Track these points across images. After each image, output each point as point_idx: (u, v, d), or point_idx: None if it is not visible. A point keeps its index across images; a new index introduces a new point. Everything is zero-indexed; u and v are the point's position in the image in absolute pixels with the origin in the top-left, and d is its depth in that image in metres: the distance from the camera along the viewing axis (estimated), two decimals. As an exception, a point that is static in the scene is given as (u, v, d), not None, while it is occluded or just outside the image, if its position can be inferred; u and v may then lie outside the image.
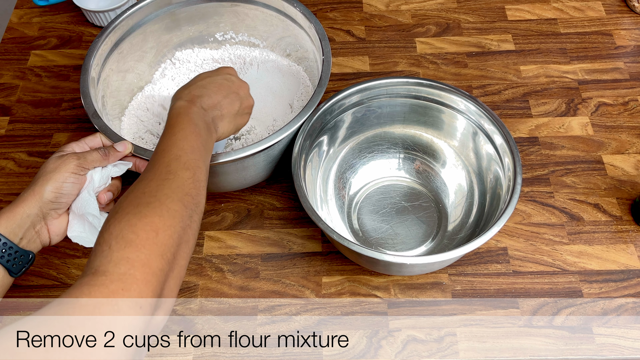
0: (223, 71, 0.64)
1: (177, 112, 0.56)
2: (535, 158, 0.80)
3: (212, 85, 0.60)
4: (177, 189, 0.49)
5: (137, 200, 0.47)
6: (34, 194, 0.56)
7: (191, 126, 0.55)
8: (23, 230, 0.55)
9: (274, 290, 0.71)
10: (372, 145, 0.79)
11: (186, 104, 0.57)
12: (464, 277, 0.71)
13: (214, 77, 0.61)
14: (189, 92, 0.59)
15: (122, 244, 0.43)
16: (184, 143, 0.53)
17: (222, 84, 0.61)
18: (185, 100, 0.57)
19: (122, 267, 0.42)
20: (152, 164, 0.52)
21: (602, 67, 0.89)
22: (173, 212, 0.47)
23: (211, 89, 0.60)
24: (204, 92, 0.59)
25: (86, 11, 0.94)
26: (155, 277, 0.43)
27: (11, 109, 0.88)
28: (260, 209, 0.77)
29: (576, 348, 0.66)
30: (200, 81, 0.61)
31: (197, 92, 0.59)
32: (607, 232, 0.73)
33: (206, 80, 0.61)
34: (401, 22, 0.95)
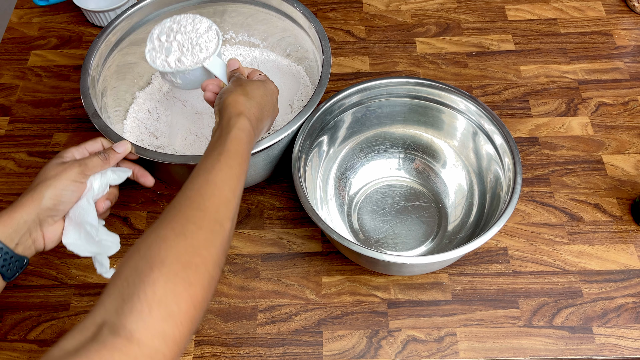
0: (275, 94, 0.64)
1: (240, 137, 0.54)
2: (535, 158, 0.80)
3: (267, 107, 0.60)
4: (221, 247, 0.47)
5: (186, 255, 0.44)
6: (33, 200, 0.55)
7: (247, 160, 0.54)
8: (19, 235, 0.55)
9: (274, 290, 0.71)
10: (372, 145, 0.79)
11: (250, 127, 0.56)
12: (464, 277, 0.71)
13: (268, 101, 0.61)
14: (250, 110, 0.57)
15: (164, 313, 0.41)
16: (236, 184, 0.51)
17: (272, 107, 0.62)
18: (249, 119, 0.56)
19: (157, 341, 0.40)
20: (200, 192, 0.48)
21: (602, 67, 0.89)
22: (212, 280, 0.45)
23: (266, 112, 0.60)
24: (262, 115, 0.59)
25: (86, 11, 0.94)
26: (179, 350, 0.42)
27: (11, 109, 0.88)
28: (260, 209, 0.77)
29: (576, 348, 0.66)
30: (259, 99, 0.59)
31: (257, 113, 0.58)
32: (607, 232, 0.73)
33: (264, 100, 0.60)
34: (401, 22, 0.95)
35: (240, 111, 0.56)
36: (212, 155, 0.52)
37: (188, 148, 0.78)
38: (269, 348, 0.67)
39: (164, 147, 0.76)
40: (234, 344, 0.67)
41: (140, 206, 0.78)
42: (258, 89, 0.60)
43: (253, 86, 0.60)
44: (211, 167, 0.51)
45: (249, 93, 0.59)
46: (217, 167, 0.51)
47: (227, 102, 0.57)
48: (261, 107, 0.59)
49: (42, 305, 0.70)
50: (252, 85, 0.60)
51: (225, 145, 0.53)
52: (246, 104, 0.57)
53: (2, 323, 0.69)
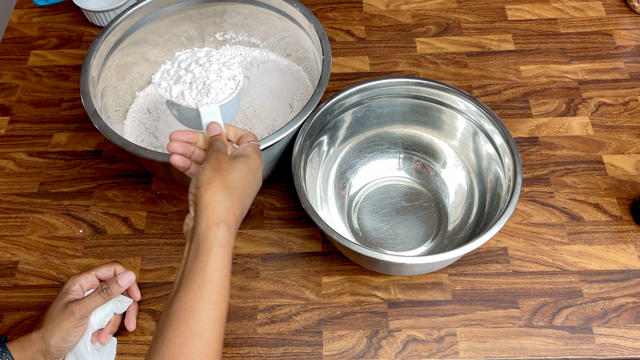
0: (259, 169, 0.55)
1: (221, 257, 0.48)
2: (535, 158, 0.80)
3: (249, 194, 0.53)
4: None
5: None
6: (43, 341, 0.60)
7: (229, 284, 0.48)
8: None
9: (274, 290, 0.71)
10: (372, 145, 0.79)
11: (230, 237, 0.49)
12: (464, 277, 0.71)
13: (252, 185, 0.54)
14: (230, 210, 0.50)
15: None
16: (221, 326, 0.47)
17: (255, 189, 0.55)
18: (228, 226, 0.49)
19: None
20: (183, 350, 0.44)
21: (602, 67, 0.89)
22: None
23: (247, 202, 0.53)
24: (244, 209, 0.53)
25: (86, 11, 0.94)
26: None
27: (11, 109, 0.88)
28: (260, 209, 0.77)
29: (576, 348, 0.66)
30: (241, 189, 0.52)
31: (238, 210, 0.51)
32: (607, 232, 0.73)
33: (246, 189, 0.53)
34: (401, 22, 0.95)
35: (219, 218, 0.49)
36: (191, 288, 0.46)
37: (188, 148, 0.78)
38: (269, 348, 0.67)
39: (164, 147, 0.76)
40: (234, 344, 0.67)
41: (140, 206, 0.78)
42: (240, 173, 0.52)
43: (235, 171, 0.52)
44: (192, 307, 0.45)
45: (229, 185, 0.51)
46: (200, 309, 0.45)
47: (204, 202, 0.49)
48: (243, 200, 0.52)
49: (42, 305, 0.70)
50: (233, 170, 0.52)
51: (207, 274, 0.47)
52: (225, 204, 0.50)
53: (2, 323, 0.69)
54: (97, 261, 0.73)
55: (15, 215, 0.77)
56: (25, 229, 0.76)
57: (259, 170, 0.55)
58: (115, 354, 0.66)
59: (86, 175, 0.81)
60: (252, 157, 0.54)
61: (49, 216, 0.77)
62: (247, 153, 0.55)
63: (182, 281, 0.47)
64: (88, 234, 0.75)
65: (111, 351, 0.66)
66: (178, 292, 0.46)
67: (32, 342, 0.60)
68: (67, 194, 0.79)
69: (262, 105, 0.81)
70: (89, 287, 0.64)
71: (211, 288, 0.46)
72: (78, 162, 0.82)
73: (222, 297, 0.47)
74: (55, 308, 0.61)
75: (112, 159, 0.82)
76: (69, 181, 0.80)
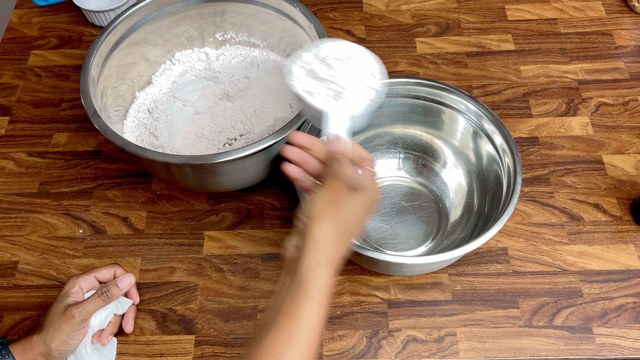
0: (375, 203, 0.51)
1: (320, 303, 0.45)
2: (535, 158, 0.80)
3: (359, 231, 0.50)
4: None
5: None
6: (45, 344, 0.60)
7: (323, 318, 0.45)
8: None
9: (274, 290, 0.70)
10: (372, 145, 0.79)
11: (329, 277, 0.46)
12: (464, 277, 0.71)
13: (364, 217, 0.50)
14: (338, 251, 0.47)
15: None
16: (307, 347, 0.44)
17: (366, 222, 0.51)
18: (333, 268, 0.46)
19: None
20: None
21: (602, 67, 0.89)
22: None
23: (354, 231, 0.49)
24: (349, 242, 0.49)
25: (86, 11, 0.94)
26: None
27: (11, 109, 0.88)
28: (260, 209, 0.77)
29: (576, 348, 0.66)
30: (352, 227, 0.48)
31: (345, 248, 0.48)
32: (607, 232, 0.73)
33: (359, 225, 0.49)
34: (401, 22, 0.95)
35: (325, 259, 0.45)
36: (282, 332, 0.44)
37: (188, 148, 0.78)
38: (269, 348, 0.67)
39: (164, 147, 0.76)
40: (234, 344, 0.67)
41: (140, 206, 0.78)
42: (355, 210, 0.48)
43: (350, 206, 0.48)
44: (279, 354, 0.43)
45: (342, 221, 0.47)
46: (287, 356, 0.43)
47: (312, 237, 0.46)
48: (351, 237, 0.48)
49: (42, 305, 0.70)
50: (349, 204, 0.48)
51: (300, 320, 0.44)
52: (334, 243, 0.46)
53: (2, 323, 0.69)
54: (97, 261, 0.73)
55: (15, 215, 0.77)
56: (25, 229, 0.76)
57: (374, 206, 0.51)
58: (115, 354, 0.66)
59: (86, 175, 0.81)
60: (370, 192, 0.50)
61: (49, 216, 0.77)
62: (366, 186, 0.50)
63: (274, 318, 0.44)
64: (88, 234, 0.76)
65: (111, 351, 0.66)
66: (267, 332, 0.44)
67: (34, 345, 0.60)
68: (67, 194, 0.79)
69: (262, 105, 0.81)
70: (89, 288, 0.64)
71: (302, 337, 0.44)
72: (78, 162, 0.82)
73: (313, 347, 0.44)
74: (55, 311, 0.61)
75: (112, 159, 0.82)
76: (69, 181, 0.80)
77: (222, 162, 0.63)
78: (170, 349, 0.67)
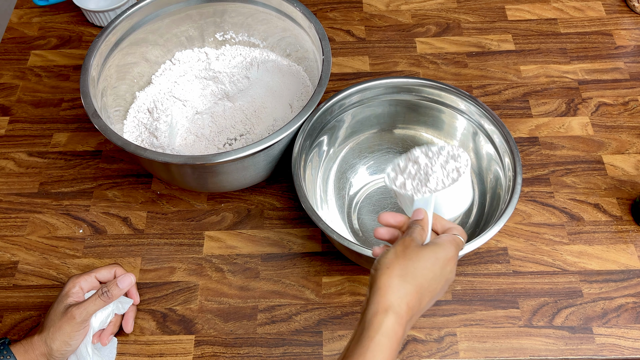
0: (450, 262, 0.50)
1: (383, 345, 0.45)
2: (535, 158, 0.80)
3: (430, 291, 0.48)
4: None
5: None
6: (46, 345, 0.60)
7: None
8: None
9: (274, 290, 0.71)
10: (372, 145, 0.79)
11: (397, 327, 0.45)
12: (464, 277, 0.71)
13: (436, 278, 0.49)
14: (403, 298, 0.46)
15: None
16: None
17: (441, 284, 0.49)
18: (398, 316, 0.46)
19: None
20: None
21: (602, 67, 0.89)
22: None
23: (427, 296, 0.48)
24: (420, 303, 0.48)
25: (86, 11, 0.94)
26: None
27: (11, 109, 0.88)
28: (260, 209, 0.77)
29: (576, 348, 0.66)
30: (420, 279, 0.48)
31: (413, 301, 0.47)
32: (607, 232, 0.73)
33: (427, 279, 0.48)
34: (401, 22, 0.95)
35: (389, 305, 0.46)
36: None
37: (188, 148, 0.78)
38: (269, 348, 0.67)
39: (164, 147, 0.76)
40: (234, 344, 0.67)
41: (140, 206, 0.78)
42: (425, 263, 0.48)
43: (419, 260, 0.48)
44: None
45: (408, 272, 0.47)
46: None
47: (377, 286, 0.47)
48: (422, 291, 0.48)
49: (42, 305, 0.70)
50: (417, 258, 0.48)
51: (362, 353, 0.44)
52: (400, 292, 0.46)
53: (2, 323, 0.69)
54: (97, 261, 0.73)
55: (15, 215, 0.77)
56: (25, 229, 0.76)
57: (449, 263, 0.50)
58: (115, 354, 0.66)
59: (86, 175, 0.81)
60: (444, 247, 0.50)
61: (49, 216, 0.77)
62: (440, 242, 0.50)
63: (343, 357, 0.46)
64: (88, 234, 0.76)
65: (112, 351, 0.66)
66: None
67: (35, 346, 0.60)
68: (67, 194, 0.79)
69: (262, 105, 0.81)
70: (89, 288, 0.64)
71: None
72: (78, 162, 0.82)
73: None
74: (56, 311, 0.61)
75: (112, 159, 0.82)
76: (69, 181, 0.80)
77: (222, 162, 0.63)
78: (170, 349, 0.67)
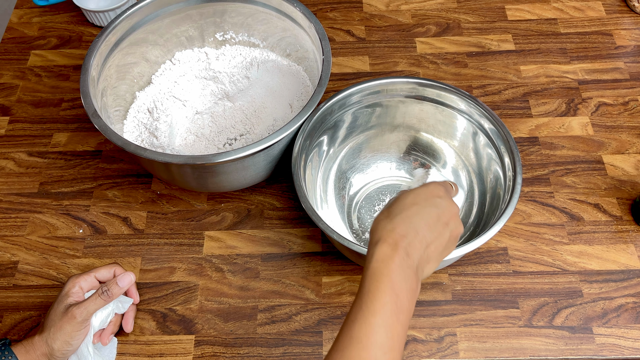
0: (432, 194, 0.51)
1: (376, 269, 0.46)
2: (535, 158, 0.80)
3: (420, 218, 0.48)
4: None
5: None
6: (47, 345, 0.60)
7: (392, 299, 0.44)
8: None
9: (274, 290, 0.71)
10: (372, 145, 0.79)
11: (389, 250, 0.46)
12: (464, 277, 0.71)
13: (421, 204, 0.49)
14: (392, 229, 0.47)
15: None
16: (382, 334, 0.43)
17: (430, 214, 0.49)
18: (388, 243, 0.46)
19: None
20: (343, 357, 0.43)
21: (602, 67, 0.89)
22: None
23: (419, 224, 0.48)
24: (410, 230, 0.47)
25: (86, 11, 0.94)
26: None
27: (11, 109, 0.88)
28: (260, 209, 0.77)
29: (576, 348, 0.66)
30: (406, 210, 0.49)
31: (402, 229, 0.47)
32: (607, 232, 0.73)
33: (412, 209, 0.49)
34: (401, 22, 0.95)
35: (378, 238, 0.47)
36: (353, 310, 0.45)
37: (188, 148, 0.78)
38: (269, 348, 0.67)
39: (164, 147, 0.76)
40: (234, 344, 0.67)
41: (140, 206, 0.78)
42: (406, 199, 0.50)
43: (401, 199, 0.50)
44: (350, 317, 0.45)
45: (392, 211, 0.49)
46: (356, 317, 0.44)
47: (371, 229, 0.49)
48: (410, 220, 0.48)
49: (42, 305, 0.70)
50: (400, 198, 0.50)
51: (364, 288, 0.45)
52: (386, 227, 0.48)
53: (2, 323, 0.69)
54: (97, 261, 0.73)
55: (15, 215, 0.77)
56: (25, 229, 0.76)
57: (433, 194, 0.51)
58: (115, 353, 0.66)
59: (86, 175, 0.81)
60: (425, 185, 0.52)
61: (49, 216, 0.77)
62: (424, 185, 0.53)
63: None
64: (88, 234, 0.76)
65: (112, 351, 0.66)
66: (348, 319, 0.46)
67: (36, 346, 0.60)
68: (67, 194, 0.79)
69: (262, 105, 0.81)
70: (89, 288, 0.64)
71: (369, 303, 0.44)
72: (78, 162, 0.82)
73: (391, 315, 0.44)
74: (56, 311, 0.61)
75: (112, 159, 0.82)
76: (69, 181, 0.80)
77: (222, 162, 0.63)
78: (170, 349, 0.67)
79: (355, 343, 0.43)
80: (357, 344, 0.43)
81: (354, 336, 0.44)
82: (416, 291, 0.47)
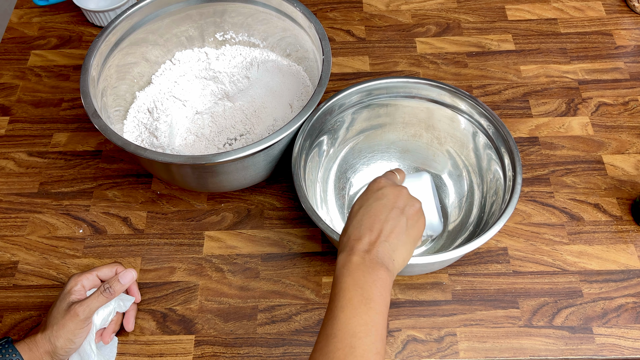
0: (373, 188, 0.55)
1: (339, 275, 0.49)
2: (535, 158, 0.80)
3: (368, 217, 0.52)
4: None
5: None
6: (50, 342, 0.60)
7: (357, 293, 0.47)
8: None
9: (274, 290, 0.71)
10: (372, 145, 0.79)
11: (347, 255, 0.49)
12: (464, 277, 0.71)
13: (366, 204, 0.53)
14: (347, 238, 0.51)
15: None
16: (354, 323, 0.46)
17: (377, 207, 0.52)
18: (346, 251, 0.50)
19: None
20: (323, 354, 0.46)
21: (602, 67, 0.89)
22: None
23: (370, 222, 0.51)
24: (364, 230, 0.51)
25: (86, 11, 0.94)
26: None
27: (11, 109, 0.88)
28: (260, 209, 0.77)
29: (576, 348, 0.66)
30: (356, 216, 0.52)
31: (356, 233, 0.51)
32: (607, 232, 0.73)
33: (360, 212, 0.52)
34: (401, 22, 0.95)
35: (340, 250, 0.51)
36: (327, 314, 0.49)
37: (188, 148, 0.78)
38: (269, 348, 0.67)
39: (164, 147, 0.76)
40: (234, 344, 0.67)
41: (140, 206, 0.78)
42: (354, 208, 0.54)
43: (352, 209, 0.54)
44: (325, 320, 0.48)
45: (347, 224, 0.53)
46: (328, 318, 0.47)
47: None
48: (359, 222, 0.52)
49: (42, 305, 0.70)
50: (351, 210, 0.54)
51: (333, 291, 0.49)
52: (343, 238, 0.52)
53: (2, 323, 0.69)
54: (97, 261, 0.73)
55: (15, 215, 0.77)
56: (25, 229, 0.76)
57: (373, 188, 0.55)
58: (115, 353, 0.66)
59: (86, 175, 0.81)
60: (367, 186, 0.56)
61: (49, 216, 0.77)
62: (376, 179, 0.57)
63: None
64: (88, 234, 0.76)
65: (112, 350, 0.66)
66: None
67: (39, 344, 0.60)
68: (67, 194, 0.79)
69: (262, 105, 0.81)
70: (91, 286, 0.64)
71: (334, 299, 0.48)
72: (78, 162, 0.82)
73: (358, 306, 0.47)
74: (58, 309, 0.61)
75: (112, 159, 0.82)
76: (69, 181, 0.80)
77: (222, 162, 0.63)
78: (170, 349, 0.67)
79: (331, 339, 0.46)
80: (332, 339, 0.46)
81: (328, 333, 0.46)
82: (386, 279, 0.49)
